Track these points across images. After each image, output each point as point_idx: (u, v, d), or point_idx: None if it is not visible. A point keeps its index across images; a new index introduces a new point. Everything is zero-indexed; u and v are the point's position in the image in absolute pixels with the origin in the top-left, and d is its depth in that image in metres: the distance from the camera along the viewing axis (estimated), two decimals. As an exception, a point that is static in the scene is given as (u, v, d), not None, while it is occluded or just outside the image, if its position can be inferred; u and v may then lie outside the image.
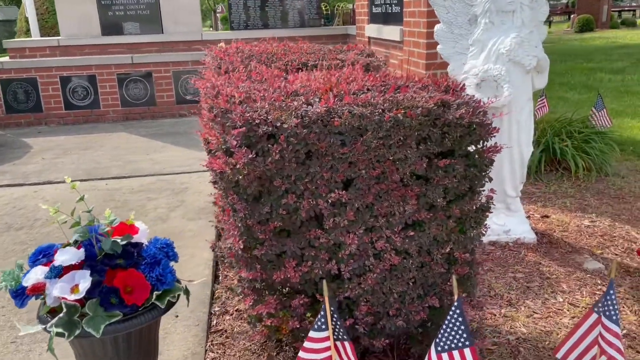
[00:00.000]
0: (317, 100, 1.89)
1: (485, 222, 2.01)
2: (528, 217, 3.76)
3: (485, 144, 1.87)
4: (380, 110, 1.78)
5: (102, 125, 7.31)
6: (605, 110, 4.98)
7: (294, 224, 1.86)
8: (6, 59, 7.38)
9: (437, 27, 3.39)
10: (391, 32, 5.25)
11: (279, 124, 1.74)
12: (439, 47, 3.42)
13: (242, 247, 1.87)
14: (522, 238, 3.39)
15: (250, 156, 1.74)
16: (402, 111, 1.77)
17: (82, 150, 5.98)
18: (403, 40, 4.99)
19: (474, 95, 2.01)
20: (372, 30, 6.01)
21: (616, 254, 3.27)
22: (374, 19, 6.01)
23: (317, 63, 3.25)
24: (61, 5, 7.34)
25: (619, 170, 4.62)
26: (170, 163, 5.35)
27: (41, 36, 8.47)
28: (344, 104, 1.81)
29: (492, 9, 3.15)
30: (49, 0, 9.05)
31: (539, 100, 4.97)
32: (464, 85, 2.08)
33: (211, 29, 20.90)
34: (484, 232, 1.98)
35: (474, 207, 1.93)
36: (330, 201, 1.82)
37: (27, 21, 8.40)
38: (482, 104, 1.89)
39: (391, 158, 1.80)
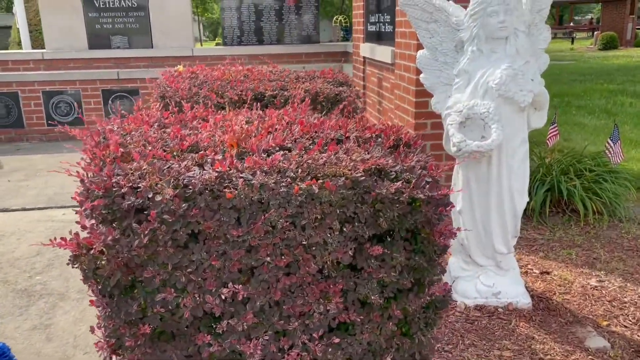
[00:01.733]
0: (219, 158, 1.43)
1: (440, 320, 1.52)
2: (525, 272, 3.25)
3: (436, 224, 1.39)
4: (289, 180, 1.31)
5: (81, 142, 6.94)
6: (619, 142, 4.43)
7: (177, 325, 1.40)
8: (-13, 72, 7.08)
9: (419, 53, 2.92)
10: (383, 52, 4.79)
11: (150, 195, 1.29)
12: (422, 75, 2.95)
13: (109, 351, 1.41)
14: (515, 302, 2.87)
15: (111, 238, 1.28)
16: (319, 182, 1.30)
17: (52, 172, 5.59)
18: (394, 62, 4.52)
19: (429, 156, 1.54)
20: (366, 49, 5.56)
21: (625, 326, 2.73)
22: (369, 37, 5.56)
23: (276, 93, 2.79)
24: (46, 17, 7.02)
25: (635, 215, 4.07)
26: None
27: (33, 48, 8.18)
28: (245, 168, 1.35)
29: (480, 35, 2.67)
30: (45, 11, 8.78)
31: (550, 128, 4.44)
32: (418, 139, 1.61)
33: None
34: (439, 338, 1.49)
35: (423, 305, 1.44)
36: (223, 297, 1.35)
37: (19, 32, 8.12)
38: (431, 167, 1.41)
39: (305, 243, 1.33)
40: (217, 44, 24.19)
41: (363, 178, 1.30)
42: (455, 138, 2.59)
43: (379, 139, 1.63)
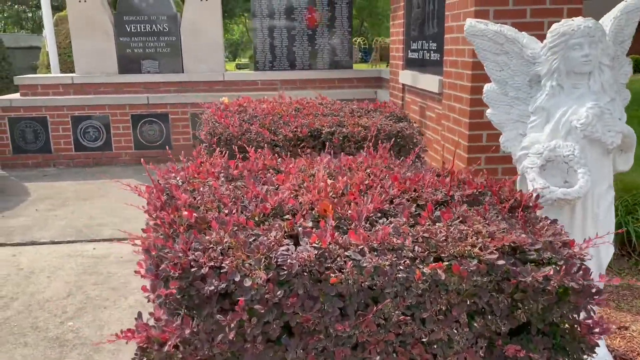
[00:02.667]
0: (309, 226, 1.19)
1: None
2: (600, 327, 2.94)
3: (582, 316, 1.13)
4: (407, 261, 1.06)
5: (113, 169, 6.80)
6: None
7: None
8: (17, 95, 6.99)
9: (487, 87, 2.67)
10: (428, 81, 4.56)
11: (237, 278, 1.05)
12: (488, 111, 2.69)
13: None
14: (596, 365, 2.57)
15: (189, 331, 1.04)
16: (445, 264, 1.05)
17: (81, 201, 5.43)
18: (442, 92, 4.29)
19: (556, 220, 1.28)
20: (406, 77, 5.34)
21: None
22: (410, 64, 5.34)
23: (333, 130, 2.56)
24: (77, 40, 6.94)
25: None
26: (172, 222, 4.72)
27: (62, 72, 8.11)
28: (349, 244, 1.11)
29: (561, 69, 2.42)
30: (74, 34, 8.75)
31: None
32: (536, 201, 1.35)
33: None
34: None
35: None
36: (320, 403, 1.10)
37: (48, 55, 8.07)
38: (573, 244, 1.15)
39: (424, 340, 1.07)
40: (237, 65, 24.20)
41: (501, 262, 1.04)
42: (537, 184, 2.32)
43: (487, 197, 1.38)
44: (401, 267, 1.05)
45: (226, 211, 1.29)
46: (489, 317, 1.08)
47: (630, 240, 3.69)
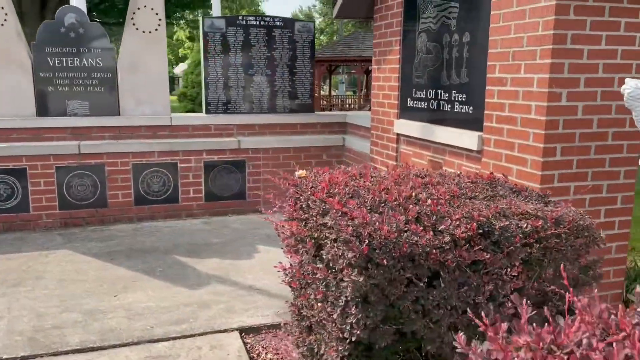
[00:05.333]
0: None
1: None
2: None
3: None
4: None
5: (32, 235, 5.42)
6: None
7: None
8: None
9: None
10: (457, 137, 4.09)
11: None
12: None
13: None
14: None
15: None
16: None
17: (11, 287, 4.12)
18: (482, 150, 3.83)
19: None
20: (408, 127, 4.84)
21: None
22: (411, 114, 4.85)
23: (507, 225, 1.92)
24: (-17, 75, 5.54)
25: None
26: (155, 314, 3.67)
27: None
28: None
29: None
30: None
31: None
32: None
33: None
34: None
35: None
36: None
37: None
38: None
39: None
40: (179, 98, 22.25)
41: None
42: None
43: None
44: None
45: None
46: None
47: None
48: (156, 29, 5.90)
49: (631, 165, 3.51)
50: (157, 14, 5.87)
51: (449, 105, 4.29)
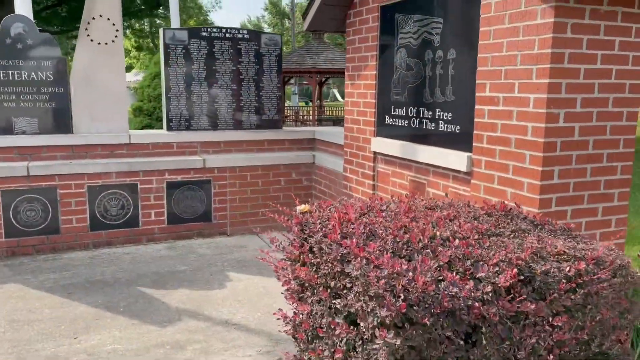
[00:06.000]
0: None
1: None
2: None
3: None
4: None
5: (-27, 267, 4.88)
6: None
7: None
8: None
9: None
10: (443, 157, 3.92)
11: None
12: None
13: None
14: None
15: None
16: None
17: (-48, 333, 3.62)
18: (472, 171, 3.67)
19: None
20: (386, 145, 4.65)
21: None
22: (390, 132, 4.67)
23: (548, 269, 1.73)
24: None
25: None
26: (123, 359, 3.29)
27: None
28: None
29: None
30: None
31: None
32: None
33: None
34: None
35: None
36: None
37: None
38: None
39: None
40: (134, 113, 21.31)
41: None
42: None
43: None
44: None
45: None
46: None
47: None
48: (113, 41, 5.49)
49: (624, 187, 3.44)
50: (113, 24, 5.47)
51: (433, 124, 4.12)
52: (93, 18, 5.39)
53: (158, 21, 35.65)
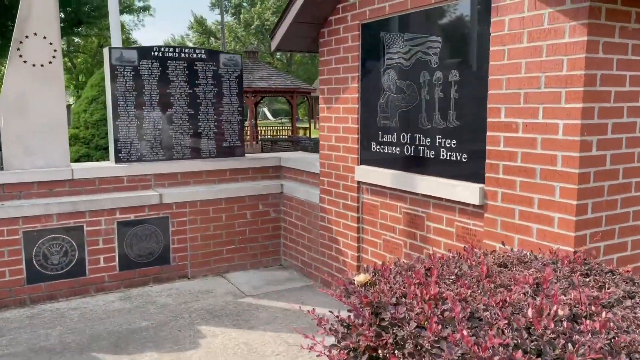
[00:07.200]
0: None
1: None
2: None
3: None
4: None
5: None
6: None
7: None
8: None
9: None
10: (448, 188, 3.55)
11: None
12: None
13: None
14: None
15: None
16: None
17: None
18: (486, 204, 3.32)
19: None
20: (374, 175, 4.23)
21: None
22: (378, 160, 4.26)
23: None
24: None
25: None
26: None
27: None
28: None
29: None
30: None
31: None
32: None
33: None
34: None
35: None
36: None
37: None
38: None
39: None
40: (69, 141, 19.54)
41: None
42: None
43: None
44: None
45: None
46: None
47: None
48: (50, 62, 4.76)
49: (650, 217, 3.20)
50: (51, 43, 4.74)
51: (432, 152, 3.75)
52: (26, 36, 4.64)
53: (77, 40, 33.82)
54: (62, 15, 29.09)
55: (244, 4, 48.05)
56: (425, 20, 3.75)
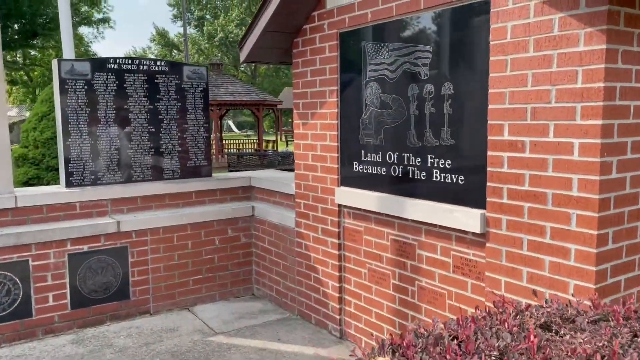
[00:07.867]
0: None
1: None
2: None
3: None
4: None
5: None
6: None
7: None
8: None
9: None
10: (444, 214, 3.18)
11: None
12: None
13: None
14: None
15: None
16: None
17: None
18: (488, 232, 2.95)
19: None
20: (357, 198, 3.83)
21: None
22: (360, 181, 3.87)
23: None
24: None
25: None
26: None
27: None
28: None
29: None
30: None
31: None
32: None
33: None
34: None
35: None
36: None
37: None
38: None
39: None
40: (16, 162, 18.42)
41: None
42: None
43: None
44: None
45: None
46: None
47: None
48: (-12, 75, 4.21)
49: (668, 244, 2.89)
50: (-11, 54, 4.20)
51: (424, 173, 3.37)
52: (-41, 46, 4.08)
53: (33, 52, 32.57)
54: (17, 27, 27.94)
55: (207, 17, 47.42)
56: (413, 28, 3.39)
